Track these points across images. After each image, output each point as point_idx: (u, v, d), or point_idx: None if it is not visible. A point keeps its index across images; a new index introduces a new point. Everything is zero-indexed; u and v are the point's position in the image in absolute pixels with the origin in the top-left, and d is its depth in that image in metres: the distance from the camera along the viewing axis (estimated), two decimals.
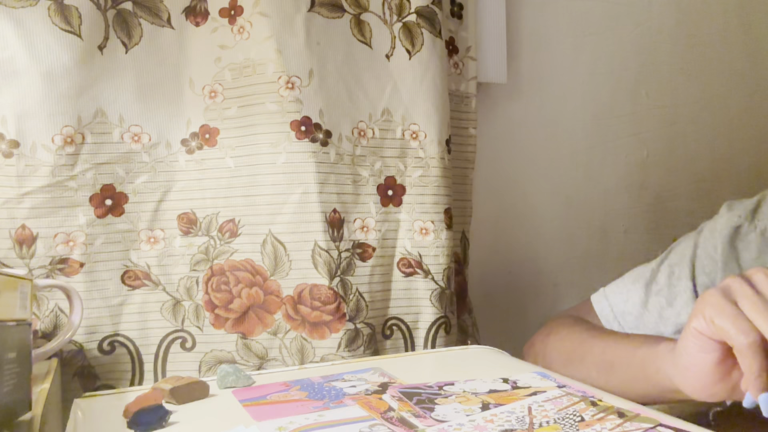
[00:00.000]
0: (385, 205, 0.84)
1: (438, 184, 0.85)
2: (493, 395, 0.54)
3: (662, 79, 1.29)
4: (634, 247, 1.26)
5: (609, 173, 1.22)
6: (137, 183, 0.77)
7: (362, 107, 0.82)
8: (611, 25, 1.21)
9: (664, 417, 0.47)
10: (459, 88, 0.94)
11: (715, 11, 1.35)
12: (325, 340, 0.78)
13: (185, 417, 0.52)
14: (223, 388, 0.60)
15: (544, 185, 1.15)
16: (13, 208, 0.70)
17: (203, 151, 0.79)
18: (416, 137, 0.85)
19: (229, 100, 0.79)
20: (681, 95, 1.31)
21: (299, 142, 0.77)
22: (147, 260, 0.77)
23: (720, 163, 1.38)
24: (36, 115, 0.70)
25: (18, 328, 0.45)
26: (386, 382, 0.60)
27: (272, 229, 0.78)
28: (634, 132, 1.26)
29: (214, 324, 0.78)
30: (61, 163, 0.71)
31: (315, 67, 0.78)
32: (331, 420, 0.49)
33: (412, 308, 0.84)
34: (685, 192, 1.33)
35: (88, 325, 0.73)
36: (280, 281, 0.78)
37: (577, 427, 0.46)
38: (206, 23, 0.79)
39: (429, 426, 0.47)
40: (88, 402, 0.58)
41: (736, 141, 1.40)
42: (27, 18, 0.69)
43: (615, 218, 1.23)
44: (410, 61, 0.84)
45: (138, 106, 0.76)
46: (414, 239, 0.84)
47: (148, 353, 0.77)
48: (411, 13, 0.84)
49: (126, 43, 0.75)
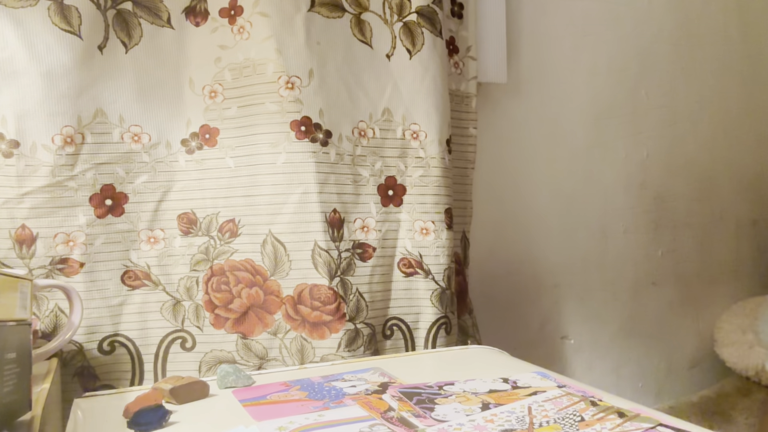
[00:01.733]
0: (386, 205, 0.84)
1: (438, 184, 0.85)
2: (493, 395, 0.54)
3: (662, 79, 1.29)
4: (634, 247, 1.26)
5: (609, 173, 1.23)
6: (137, 183, 0.77)
7: (362, 107, 0.82)
8: (611, 25, 1.21)
9: (664, 417, 0.47)
10: (459, 88, 0.94)
11: (715, 11, 1.35)
12: (325, 340, 0.77)
13: (185, 417, 0.52)
14: (223, 388, 0.60)
15: (544, 185, 1.15)
16: (13, 208, 0.70)
17: (203, 151, 0.79)
18: (417, 137, 0.85)
19: (229, 100, 0.79)
20: (681, 95, 1.31)
21: (299, 142, 0.77)
22: (147, 260, 0.77)
23: (720, 163, 1.38)
24: (36, 115, 0.70)
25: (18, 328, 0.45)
26: (386, 382, 0.60)
27: (272, 229, 0.78)
28: (634, 132, 1.26)
29: (214, 324, 0.78)
30: (61, 163, 0.71)
31: (315, 67, 0.78)
32: (331, 420, 0.49)
33: (412, 308, 0.84)
34: (685, 192, 1.33)
35: (88, 325, 0.73)
36: (280, 281, 0.78)
37: (577, 427, 0.46)
38: (206, 23, 0.79)
39: (429, 426, 0.47)
40: (88, 402, 0.58)
41: (736, 141, 1.40)
42: (27, 18, 0.69)
43: (615, 218, 1.23)
44: (411, 60, 0.84)
45: (138, 106, 0.76)
46: (414, 239, 0.84)
47: (148, 353, 0.77)
48: (411, 12, 0.84)
49: (126, 43, 0.75)
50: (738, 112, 1.40)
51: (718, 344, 1.30)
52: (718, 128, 1.37)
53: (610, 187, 1.23)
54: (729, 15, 1.38)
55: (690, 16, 1.32)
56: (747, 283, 1.43)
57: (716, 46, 1.36)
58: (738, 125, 1.40)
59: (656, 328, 1.30)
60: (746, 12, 1.40)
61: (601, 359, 1.22)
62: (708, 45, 1.35)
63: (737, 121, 1.40)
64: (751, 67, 1.41)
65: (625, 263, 1.25)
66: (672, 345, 1.32)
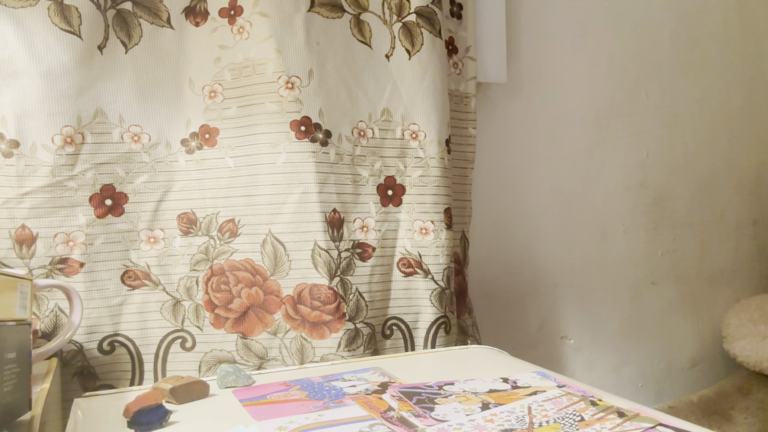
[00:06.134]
0: (385, 204, 0.84)
1: (438, 183, 0.85)
2: (493, 395, 0.54)
3: (662, 79, 1.29)
4: (633, 247, 1.26)
5: (609, 173, 1.23)
6: (137, 183, 0.77)
7: (362, 107, 0.82)
8: (611, 25, 1.21)
9: (664, 417, 0.47)
10: (458, 88, 0.94)
11: (715, 11, 1.35)
12: (325, 340, 0.77)
13: (185, 417, 0.52)
14: (223, 388, 0.60)
15: (544, 185, 1.15)
16: (13, 208, 0.70)
17: (203, 151, 0.79)
18: (416, 137, 0.85)
19: (228, 100, 0.79)
20: (681, 95, 1.31)
21: (299, 142, 0.77)
22: (147, 260, 0.77)
23: (720, 163, 1.38)
24: (36, 115, 0.70)
25: (18, 328, 0.45)
26: (386, 381, 0.60)
27: (272, 228, 0.78)
28: (634, 132, 1.26)
29: (213, 324, 0.78)
30: (61, 163, 0.71)
31: (315, 67, 0.78)
32: (331, 420, 0.49)
33: (411, 308, 0.84)
34: (684, 192, 1.33)
35: (88, 325, 0.73)
36: (280, 281, 0.78)
37: (577, 427, 0.46)
38: (206, 23, 0.79)
39: (429, 426, 0.47)
40: (88, 402, 0.58)
41: (736, 141, 1.40)
42: (27, 18, 0.69)
43: (615, 218, 1.23)
44: (410, 61, 0.84)
45: (138, 106, 0.76)
46: (414, 239, 0.84)
47: (148, 353, 0.77)
48: (411, 13, 0.84)
49: (126, 43, 0.75)
50: (738, 112, 1.40)
51: (728, 340, 1.29)
52: (718, 128, 1.37)
53: (610, 187, 1.23)
54: (729, 15, 1.38)
55: (690, 16, 1.32)
56: (747, 283, 1.43)
57: (716, 46, 1.36)
58: (738, 125, 1.40)
59: (656, 328, 1.30)
60: (746, 12, 1.40)
61: (601, 359, 1.22)
62: (708, 45, 1.35)
63: (737, 121, 1.40)
64: (751, 67, 1.41)
65: (625, 263, 1.25)
66: (672, 345, 1.32)
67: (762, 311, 1.28)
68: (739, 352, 1.26)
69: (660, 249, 1.30)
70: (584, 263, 1.19)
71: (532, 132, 1.13)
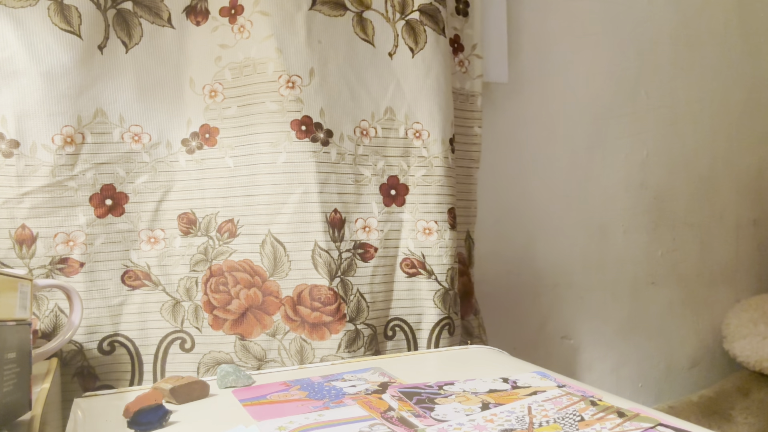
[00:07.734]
0: (388, 204, 0.84)
1: (442, 183, 0.84)
2: (493, 395, 0.54)
3: (662, 79, 1.29)
4: (633, 247, 1.26)
5: (609, 173, 1.23)
6: (137, 183, 0.76)
7: (364, 106, 0.82)
8: (611, 25, 1.21)
9: (664, 417, 0.47)
10: (464, 87, 0.93)
11: (715, 11, 1.35)
12: (325, 341, 0.77)
13: (185, 417, 0.52)
14: (223, 388, 0.60)
15: (544, 185, 1.15)
16: (13, 208, 0.70)
17: (203, 150, 0.79)
18: (419, 136, 0.85)
19: (229, 100, 0.78)
20: (681, 95, 1.31)
21: (299, 142, 0.77)
22: (147, 260, 0.77)
23: (720, 163, 1.38)
24: (36, 115, 0.70)
25: (18, 328, 0.45)
26: (386, 381, 0.59)
27: (272, 229, 0.77)
28: (634, 132, 1.26)
29: (212, 325, 0.77)
30: (61, 163, 0.71)
31: (316, 65, 0.78)
32: (331, 420, 0.49)
33: (415, 309, 0.84)
34: (684, 192, 1.33)
35: (88, 325, 0.73)
36: (280, 282, 0.78)
37: (577, 427, 0.46)
38: (207, 22, 0.79)
39: (429, 426, 0.47)
40: (88, 402, 0.58)
41: (736, 141, 1.40)
42: (27, 18, 0.69)
43: (615, 218, 1.23)
44: (413, 59, 0.84)
45: (138, 106, 0.76)
46: (417, 239, 0.84)
47: (148, 353, 0.76)
48: (414, 10, 0.84)
49: (126, 42, 0.75)
50: (738, 112, 1.40)
51: (728, 340, 1.29)
52: (718, 128, 1.37)
53: (610, 187, 1.23)
54: (729, 15, 1.37)
55: (690, 16, 1.32)
56: (747, 283, 1.43)
57: (716, 46, 1.36)
58: (738, 125, 1.40)
59: (656, 328, 1.30)
60: (746, 12, 1.40)
61: (601, 359, 1.22)
62: (708, 45, 1.35)
63: (737, 120, 1.40)
64: (751, 67, 1.41)
65: (625, 263, 1.25)
66: (672, 345, 1.32)
67: (762, 311, 1.28)
68: (739, 352, 1.26)
69: (660, 249, 1.30)
70: (584, 263, 1.19)
71: (532, 132, 1.13)
